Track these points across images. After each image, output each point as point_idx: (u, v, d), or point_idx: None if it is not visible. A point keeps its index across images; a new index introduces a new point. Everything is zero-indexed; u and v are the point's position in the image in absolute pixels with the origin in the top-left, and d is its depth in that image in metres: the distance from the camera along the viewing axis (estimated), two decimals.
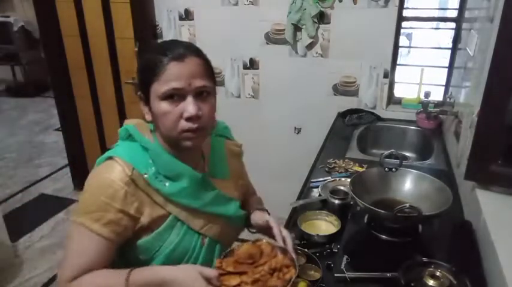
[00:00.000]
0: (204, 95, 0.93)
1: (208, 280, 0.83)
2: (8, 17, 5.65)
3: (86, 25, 2.90)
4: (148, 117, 0.96)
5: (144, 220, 0.93)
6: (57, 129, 4.70)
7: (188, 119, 0.90)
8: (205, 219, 1.01)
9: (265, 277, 0.88)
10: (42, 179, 3.75)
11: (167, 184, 0.95)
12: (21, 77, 6.32)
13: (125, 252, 0.97)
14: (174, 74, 0.88)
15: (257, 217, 1.11)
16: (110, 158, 0.93)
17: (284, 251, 0.96)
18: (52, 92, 3.35)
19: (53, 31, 3.00)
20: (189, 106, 0.89)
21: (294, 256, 0.94)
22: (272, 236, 1.02)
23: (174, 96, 0.89)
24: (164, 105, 0.89)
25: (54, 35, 3.01)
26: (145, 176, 0.92)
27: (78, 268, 0.88)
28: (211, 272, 0.85)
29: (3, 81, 6.46)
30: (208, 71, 0.95)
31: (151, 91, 0.91)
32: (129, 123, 1.00)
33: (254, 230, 1.17)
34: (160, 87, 0.88)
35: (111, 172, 0.90)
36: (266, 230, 1.06)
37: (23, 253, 2.73)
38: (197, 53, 0.94)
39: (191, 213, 0.98)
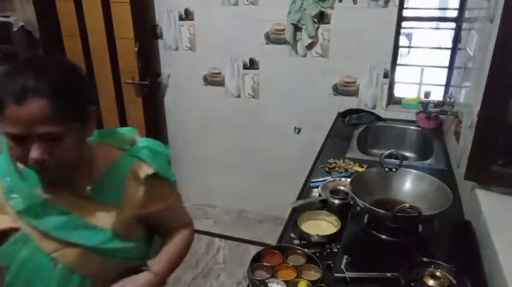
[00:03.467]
0: (56, 137, 0.81)
1: None
2: (8, 17, 5.63)
3: (86, 25, 2.90)
4: None
5: None
6: None
7: (33, 162, 0.81)
8: (58, 243, 0.90)
9: None
10: None
11: (14, 199, 0.89)
12: None
13: None
14: (12, 119, 0.77)
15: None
16: None
17: None
18: None
19: (53, 31, 3.00)
20: (32, 152, 0.79)
21: None
22: None
23: (16, 138, 0.80)
24: (9, 141, 0.81)
25: (54, 35, 3.01)
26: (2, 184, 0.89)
27: None
28: None
29: None
30: (57, 113, 0.79)
31: None
32: None
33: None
34: (2, 127, 0.78)
35: None
36: None
37: None
38: (41, 92, 0.77)
39: (42, 233, 0.89)
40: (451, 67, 2.41)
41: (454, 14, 2.39)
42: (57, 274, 0.90)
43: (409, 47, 5.58)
